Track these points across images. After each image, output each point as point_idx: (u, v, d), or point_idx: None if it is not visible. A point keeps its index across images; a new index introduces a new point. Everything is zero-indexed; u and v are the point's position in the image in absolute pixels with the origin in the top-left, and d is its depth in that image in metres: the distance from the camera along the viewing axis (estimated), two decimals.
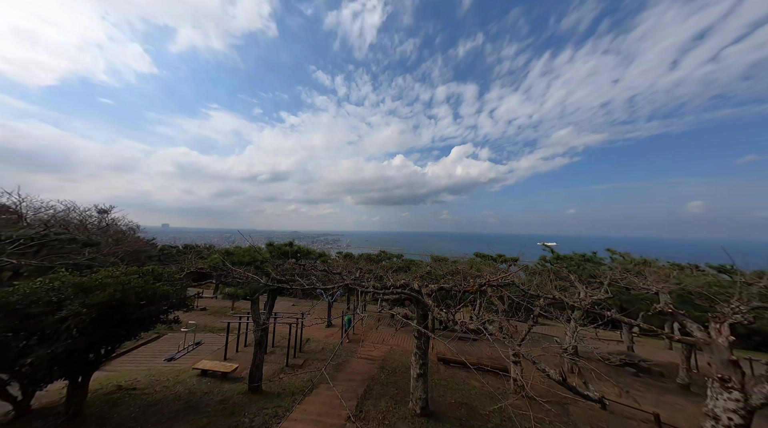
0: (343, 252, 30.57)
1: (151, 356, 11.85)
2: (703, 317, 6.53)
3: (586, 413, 8.45)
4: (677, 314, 5.42)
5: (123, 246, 22.08)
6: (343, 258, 24.40)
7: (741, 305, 5.03)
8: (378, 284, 7.09)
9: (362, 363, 11.33)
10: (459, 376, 10.61)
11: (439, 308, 5.58)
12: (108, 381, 8.38)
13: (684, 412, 9.40)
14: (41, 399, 6.87)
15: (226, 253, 10.97)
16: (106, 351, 6.44)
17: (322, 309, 20.60)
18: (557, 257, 21.72)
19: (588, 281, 13.07)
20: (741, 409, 4.07)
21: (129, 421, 6.28)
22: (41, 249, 12.74)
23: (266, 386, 8.74)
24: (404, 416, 7.06)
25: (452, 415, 7.34)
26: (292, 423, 6.70)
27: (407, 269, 20.75)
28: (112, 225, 27.83)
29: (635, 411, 8.91)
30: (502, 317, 9.02)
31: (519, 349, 4.57)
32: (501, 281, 6.58)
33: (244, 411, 7.08)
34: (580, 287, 10.36)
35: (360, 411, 7.33)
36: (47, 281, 5.78)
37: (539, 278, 12.75)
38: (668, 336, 5.50)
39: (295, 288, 6.86)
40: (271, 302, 9.25)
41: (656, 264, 18.28)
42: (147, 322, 6.62)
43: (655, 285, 10.59)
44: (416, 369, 7.08)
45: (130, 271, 6.94)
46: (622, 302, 15.39)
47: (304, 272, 10.22)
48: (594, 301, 8.03)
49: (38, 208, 20.28)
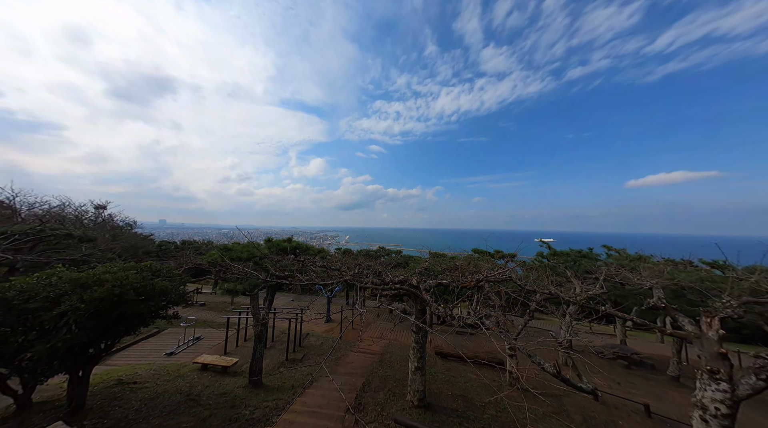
0: (342, 248, 30.66)
1: (151, 351, 11.92)
2: (694, 312, 6.68)
3: (579, 404, 8.68)
4: (670, 308, 5.54)
5: (120, 242, 21.96)
6: (342, 254, 24.51)
7: (732, 300, 5.15)
8: (377, 280, 7.15)
9: (361, 356, 11.49)
10: (456, 369, 10.81)
11: (437, 304, 5.64)
12: (109, 376, 8.44)
13: (673, 403, 9.69)
14: (42, 392, 6.92)
15: (224, 249, 10.97)
16: (106, 345, 6.45)
17: (322, 305, 20.77)
18: (554, 253, 21.98)
19: (584, 277, 13.28)
20: (728, 400, 4.20)
21: (131, 414, 6.35)
22: (37, 245, 12.63)
23: (266, 379, 8.85)
24: (402, 408, 7.20)
25: (449, 407, 7.51)
26: (293, 415, 6.82)
27: (406, 265, 20.91)
28: (108, 221, 27.60)
29: (626, 401, 9.18)
30: (498, 312, 9.15)
31: (515, 343, 4.66)
32: (498, 276, 6.65)
33: (245, 404, 7.19)
34: (575, 283, 10.53)
35: (359, 403, 7.46)
36: (44, 277, 5.75)
37: (536, 273, 12.92)
38: (660, 330, 5.62)
39: (294, 284, 6.90)
40: (270, 297, 9.30)
41: (651, 260, 18.58)
42: (146, 317, 6.62)
43: (649, 281, 10.79)
44: (414, 363, 7.20)
45: (128, 267, 6.91)
46: (617, 297, 15.68)
47: (303, 268, 10.25)
48: (589, 296, 8.16)
49: (33, 203, 20.03)
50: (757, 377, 4.08)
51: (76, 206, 24.25)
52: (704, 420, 4.38)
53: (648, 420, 8.17)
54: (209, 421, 6.32)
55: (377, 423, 6.54)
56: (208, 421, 6.31)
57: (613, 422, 7.84)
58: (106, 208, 27.25)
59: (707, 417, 4.35)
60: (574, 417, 7.79)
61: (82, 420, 5.87)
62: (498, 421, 6.97)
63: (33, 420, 5.80)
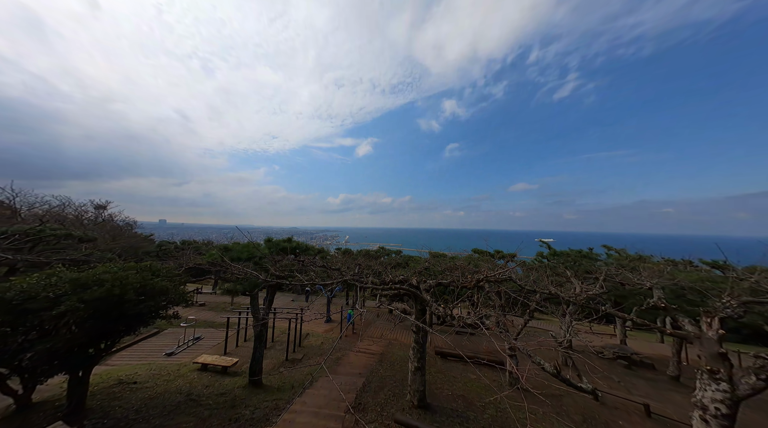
0: (342, 248, 30.65)
1: (151, 351, 11.91)
2: (694, 312, 6.68)
3: (579, 404, 8.68)
4: (670, 308, 5.54)
5: (120, 242, 21.97)
6: (342, 254, 24.50)
7: (732, 300, 5.15)
8: (377, 280, 7.15)
9: (361, 357, 11.49)
10: (456, 369, 10.81)
11: (437, 304, 5.64)
12: (108, 376, 8.44)
13: (673, 403, 9.68)
14: (42, 392, 6.92)
15: (224, 249, 10.96)
16: (106, 345, 6.46)
17: (321, 305, 20.77)
18: (554, 254, 21.96)
19: (584, 277, 13.27)
20: (728, 400, 4.20)
21: (131, 413, 6.35)
22: (37, 245, 12.64)
23: (266, 379, 8.85)
24: (402, 407, 7.21)
25: (449, 406, 7.51)
26: (293, 415, 6.82)
27: (406, 265, 20.91)
28: (108, 221, 27.61)
29: (626, 401, 9.17)
30: (498, 312, 9.16)
31: (515, 343, 4.66)
32: (498, 276, 6.65)
33: (245, 404, 7.19)
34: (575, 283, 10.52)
35: (359, 403, 7.47)
36: (44, 277, 5.76)
37: (536, 273, 12.91)
38: (660, 329, 5.63)
39: (294, 284, 6.90)
40: (270, 297, 9.30)
41: (651, 260, 18.58)
42: (146, 317, 6.63)
43: (649, 281, 10.78)
44: (414, 363, 7.20)
45: (127, 267, 6.92)
46: (617, 297, 15.68)
47: (303, 268, 10.25)
48: (589, 296, 8.16)
49: (33, 203, 20.04)
50: (757, 377, 4.08)
51: (76, 206, 24.28)
52: (704, 420, 4.38)
53: (648, 420, 8.17)
54: (209, 421, 6.32)
55: (377, 423, 6.54)
56: (208, 421, 6.32)
57: (613, 422, 7.84)
58: (106, 208, 27.27)
59: (707, 417, 4.34)
60: (574, 417, 7.79)
61: (82, 420, 5.87)
62: (498, 421, 6.98)
63: (33, 420, 5.80)
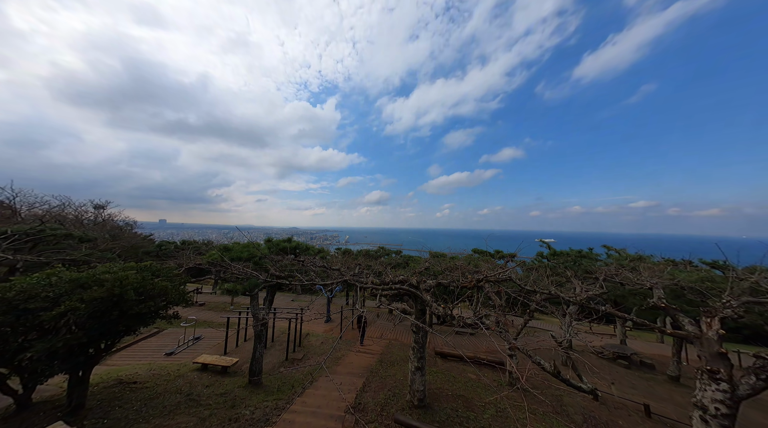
0: (342, 248, 30.65)
1: (151, 351, 11.92)
2: (694, 312, 6.68)
3: (579, 404, 8.67)
4: (670, 308, 5.54)
5: (120, 242, 21.96)
6: (342, 254, 24.50)
7: (732, 300, 5.15)
8: (377, 280, 7.15)
9: (361, 356, 11.49)
10: (456, 369, 10.80)
11: (437, 304, 5.64)
12: (109, 375, 8.44)
13: (673, 403, 9.69)
14: (42, 392, 6.92)
15: (224, 249, 10.97)
16: (106, 345, 6.46)
17: (321, 305, 20.77)
18: (554, 254, 21.95)
19: (584, 277, 13.27)
20: (728, 400, 4.21)
21: (131, 413, 6.35)
22: (37, 245, 12.64)
23: (266, 379, 8.85)
24: (402, 407, 7.21)
25: (448, 406, 7.51)
26: (293, 414, 6.82)
27: (406, 265, 20.91)
28: (108, 221, 27.60)
29: (626, 401, 9.17)
30: (498, 312, 9.15)
31: (515, 343, 4.66)
32: (498, 276, 6.65)
33: (245, 404, 7.19)
34: (575, 283, 10.52)
35: (359, 403, 7.47)
36: (44, 277, 5.76)
37: (536, 273, 12.91)
38: (660, 329, 5.62)
39: (294, 284, 6.91)
40: (270, 297, 9.31)
41: (651, 260, 18.57)
42: (146, 317, 6.63)
43: (649, 281, 10.77)
44: (414, 363, 7.20)
45: (127, 267, 6.92)
46: (617, 297, 15.67)
47: (303, 268, 10.25)
48: (589, 296, 8.16)
49: (32, 203, 20.03)
50: (757, 377, 4.08)
51: (75, 206, 24.27)
52: (704, 420, 4.38)
53: (648, 420, 8.17)
54: (209, 421, 6.32)
55: (377, 423, 6.54)
56: (208, 421, 6.32)
57: (613, 422, 7.83)
58: (105, 208, 27.25)
59: (707, 417, 4.35)
60: (574, 417, 7.79)
61: (82, 420, 5.87)
62: (498, 421, 6.97)
63: (33, 420, 5.80)
